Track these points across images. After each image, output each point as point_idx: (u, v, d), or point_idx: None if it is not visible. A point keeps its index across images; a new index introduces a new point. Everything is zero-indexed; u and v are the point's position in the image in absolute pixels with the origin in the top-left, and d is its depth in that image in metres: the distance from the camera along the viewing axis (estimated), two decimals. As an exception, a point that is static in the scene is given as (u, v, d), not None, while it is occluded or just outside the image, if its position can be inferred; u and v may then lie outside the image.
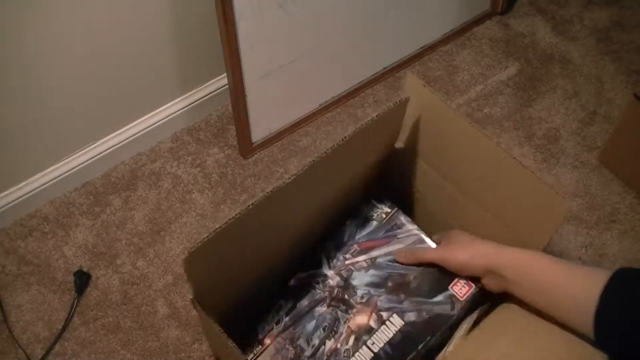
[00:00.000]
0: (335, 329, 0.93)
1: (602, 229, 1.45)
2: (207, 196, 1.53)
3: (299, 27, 1.43)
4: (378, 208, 1.05)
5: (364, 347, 0.91)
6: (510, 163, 0.93)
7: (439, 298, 0.94)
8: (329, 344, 0.92)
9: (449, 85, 1.72)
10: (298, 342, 0.94)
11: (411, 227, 1.03)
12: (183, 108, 1.60)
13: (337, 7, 1.48)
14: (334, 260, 1.02)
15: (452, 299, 0.94)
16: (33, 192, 1.48)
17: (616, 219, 1.47)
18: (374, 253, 1.01)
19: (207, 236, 0.82)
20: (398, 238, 1.01)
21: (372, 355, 0.91)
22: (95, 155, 1.53)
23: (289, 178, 0.88)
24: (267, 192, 0.85)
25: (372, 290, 0.96)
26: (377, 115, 0.94)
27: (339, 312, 0.95)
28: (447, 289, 0.94)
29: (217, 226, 0.83)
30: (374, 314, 0.94)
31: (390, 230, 1.02)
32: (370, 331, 0.93)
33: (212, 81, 1.62)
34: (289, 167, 1.58)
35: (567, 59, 1.77)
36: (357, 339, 0.92)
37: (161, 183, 1.55)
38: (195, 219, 1.50)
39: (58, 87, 1.36)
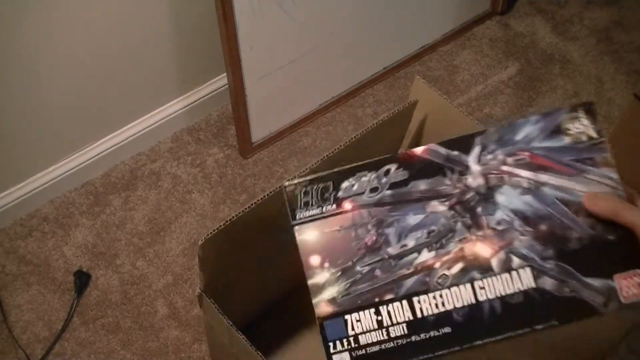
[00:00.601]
0: (444, 241, 0.69)
1: (602, 229, 1.45)
2: (207, 196, 1.53)
3: (299, 27, 1.43)
4: (581, 123, 0.74)
5: (468, 286, 0.67)
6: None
7: (595, 282, 0.68)
8: (426, 255, 0.68)
9: (449, 85, 1.72)
10: (386, 230, 0.69)
11: (612, 174, 0.74)
12: (183, 108, 1.60)
13: (337, 7, 1.48)
14: (488, 155, 0.72)
15: (611, 293, 0.68)
16: (33, 192, 1.48)
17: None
18: (544, 177, 0.71)
19: (223, 223, 0.82)
20: (587, 177, 0.72)
21: (474, 302, 0.67)
22: (95, 155, 1.53)
23: (303, 171, 0.87)
24: (276, 188, 0.84)
25: (517, 222, 0.69)
26: (382, 119, 0.93)
27: (459, 224, 0.69)
28: (610, 277, 0.67)
29: (233, 214, 0.83)
30: (502, 252, 0.68)
31: (582, 161, 0.72)
32: (486, 270, 0.68)
33: (212, 81, 1.62)
34: (289, 167, 1.58)
35: (567, 59, 1.77)
36: (464, 270, 0.68)
37: (161, 183, 1.55)
38: (195, 219, 1.50)
39: (58, 87, 1.36)
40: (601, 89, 1.70)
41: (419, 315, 0.65)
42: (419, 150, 0.69)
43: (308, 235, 0.66)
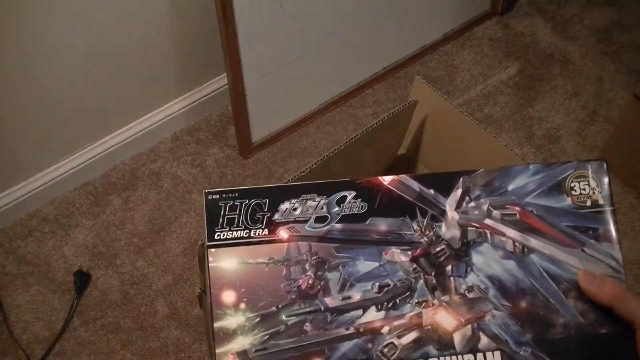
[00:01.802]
0: (398, 301, 0.55)
1: (602, 229, 1.45)
2: (207, 196, 1.53)
3: (299, 27, 1.43)
4: (589, 185, 0.60)
5: None
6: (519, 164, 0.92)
7: None
8: (373, 315, 0.54)
9: (449, 85, 1.72)
10: (328, 275, 0.54)
11: (615, 253, 0.60)
12: (183, 108, 1.60)
13: (337, 7, 1.48)
14: (471, 202, 0.58)
15: None
16: (33, 192, 1.48)
17: (616, 219, 1.47)
18: (534, 242, 0.58)
19: None
20: (584, 251, 0.58)
21: None
22: (95, 155, 1.53)
23: (293, 177, 0.86)
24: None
25: (492, 292, 0.56)
26: (382, 119, 0.93)
27: (421, 283, 0.56)
28: None
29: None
30: (469, 326, 0.55)
31: (582, 230, 0.58)
32: (446, 347, 0.55)
33: (212, 81, 1.62)
34: (289, 167, 1.58)
35: (567, 59, 1.77)
36: (418, 342, 0.54)
37: (161, 183, 1.55)
38: (195, 219, 1.50)
39: (58, 88, 1.36)
40: (601, 89, 1.70)
41: None
42: (386, 179, 0.56)
43: (225, 262, 0.52)
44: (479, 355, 0.55)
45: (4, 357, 1.32)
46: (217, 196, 0.53)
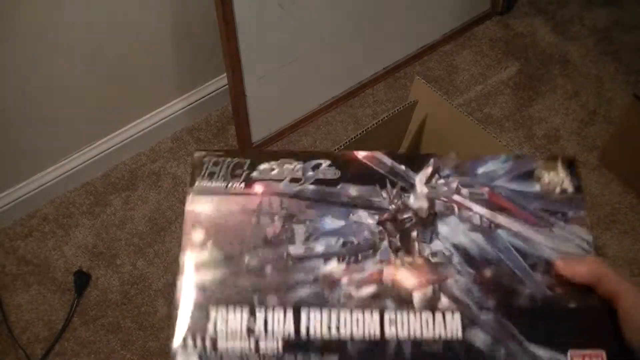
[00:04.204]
0: (360, 256, 0.56)
1: (602, 229, 1.45)
2: (207, 196, 1.53)
3: (298, 27, 1.43)
4: (558, 175, 0.61)
5: (375, 315, 0.54)
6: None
7: (540, 352, 0.54)
8: (333, 266, 0.55)
9: (449, 85, 1.72)
10: (294, 226, 0.57)
11: (584, 235, 0.58)
12: (183, 108, 1.60)
13: (337, 7, 1.48)
14: (440, 179, 0.60)
15: None
16: (33, 192, 1.48)
17: (616, 219, 1.47)
18: (502, 219, 0.59)
19: None
20: (553, 231, 0.58)
21: (377, 337, 0.53)
22: (95, 155, 1.53)
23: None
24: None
25: (457, 259, 0.56)
26: (382, 119, 0.93)
27: (384, 243, 0.57)
28: (563, 351, 0.53)
29: None
30: (430, 287, 0.56)
31: (551, 213, 0.58)
32: (404, 303, 0.55)
33: (212, 81, 1.62)
34: (289, 167, 1.58)
35: (567, 59, 1.77)
36: (376, 297, 0.55)
37: (161, 183, 1.55)
38: (195, 219, 1.50)
39: (58, 88, 1.36)
40: (601, 89, 1.70)
41: (303, 333, 0.51)
42: (361, 154, 0.59)
43: (201, 206, 0.56)
44: (438, 315, 0.54)
45: (4, 357, 1.32)
46: (204, 153, 0.57)
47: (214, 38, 1.35)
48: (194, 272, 0.54)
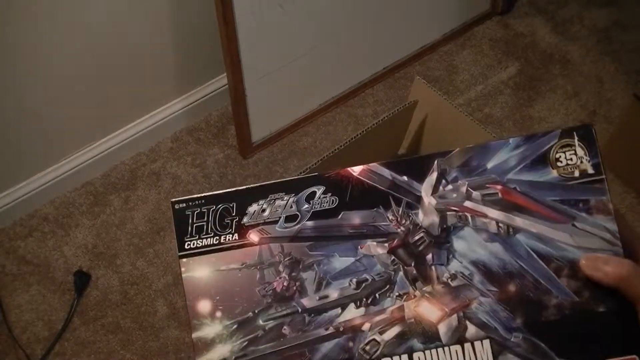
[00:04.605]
0: (377, 296, 0.53)
1: (602, 229, 1.45)
2: (207, 196, 1.53)
3: (299, 27, 1.43)
4: (575, 154, 0.56)
5: (404, 359, 0.52)
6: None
7: None
8: (352, 312, 0.52)
9: (449, 85, 1.72)
10: (302, 275, 0.53)
11: (609, 225, 0.53)
12: (183, 108, 1.60)
13: (337, 7, 1.48)
14: (448, 185, 0.55)
15: None
16: (33, 192, 1.48)
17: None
18: (519, 220, 0.54)
19: None
20: (575, 226, 0.53)
21: None
22: (95, 155, 1.53)
23: (303, 171, 0.86)
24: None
25: (478, 278, 0.53)
26: (382, 119, 0.93)
27: (400, 275, 0.54)
28: None
29: None
30: (455, 316, 0.53)
31: (571, 203, 0.54)
32: (431, 339, 0.52)
33: (212, 81, 1.62)
34: (289, 167, 1.58)
35: (567, 59, 1.77)
36: (401, 337, 0.52)
37: (161, 183, 1.55)
38: (195, 219, 1.50)
39: (58, 88, 1.36)
40: (601, 89, 1.70)
41: None
42: (355, 170, 0.53)
43: (198, 272, 0.52)
44: (467, 346, 0.52)
45: (4, 357, 1.32)
46: (184, 204, 0.53)
47: (214, 38, 1.35)
48: (210, 349, 0.51)
